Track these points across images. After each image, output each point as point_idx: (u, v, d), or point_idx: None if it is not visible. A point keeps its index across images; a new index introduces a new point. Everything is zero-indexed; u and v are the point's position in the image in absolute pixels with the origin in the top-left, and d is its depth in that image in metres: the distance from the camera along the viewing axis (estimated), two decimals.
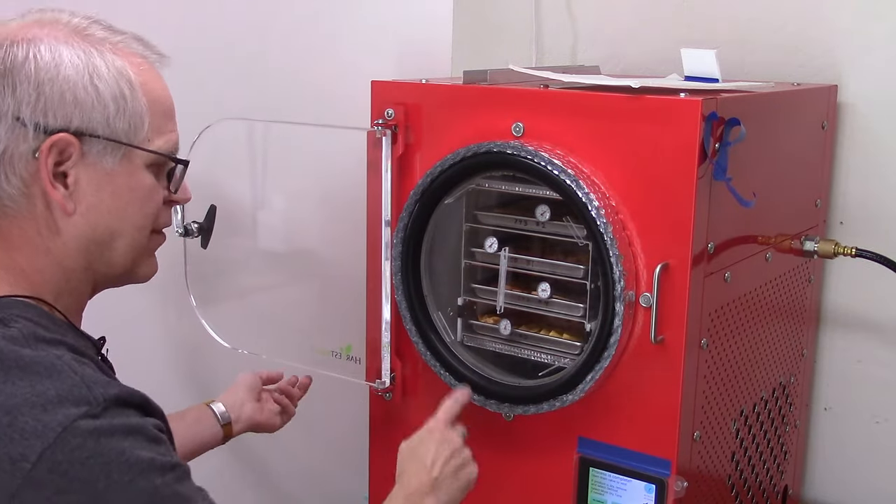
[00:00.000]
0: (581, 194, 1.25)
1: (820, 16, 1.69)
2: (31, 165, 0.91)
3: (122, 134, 0.94)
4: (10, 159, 0.90)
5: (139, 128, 0.95)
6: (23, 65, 0.90)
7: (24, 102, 0.90)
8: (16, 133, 0.90)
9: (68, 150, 0.91)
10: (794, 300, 1.62)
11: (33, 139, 0.90)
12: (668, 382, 1.28)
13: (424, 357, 1.45)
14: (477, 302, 1.48)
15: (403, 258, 1.44)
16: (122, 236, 0.97)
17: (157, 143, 0.97)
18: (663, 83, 1.35)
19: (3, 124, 0.90)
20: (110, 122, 0.93)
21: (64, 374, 0.85)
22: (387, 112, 1.44)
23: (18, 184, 0.91)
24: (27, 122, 0.90)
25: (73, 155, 0.92)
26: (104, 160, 0.93)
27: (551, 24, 1.98)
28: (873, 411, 1.74)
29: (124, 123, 0.94)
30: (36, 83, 0.90)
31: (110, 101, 0.93)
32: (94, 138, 0.92)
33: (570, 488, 1.38)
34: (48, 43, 0.91)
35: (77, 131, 0.91)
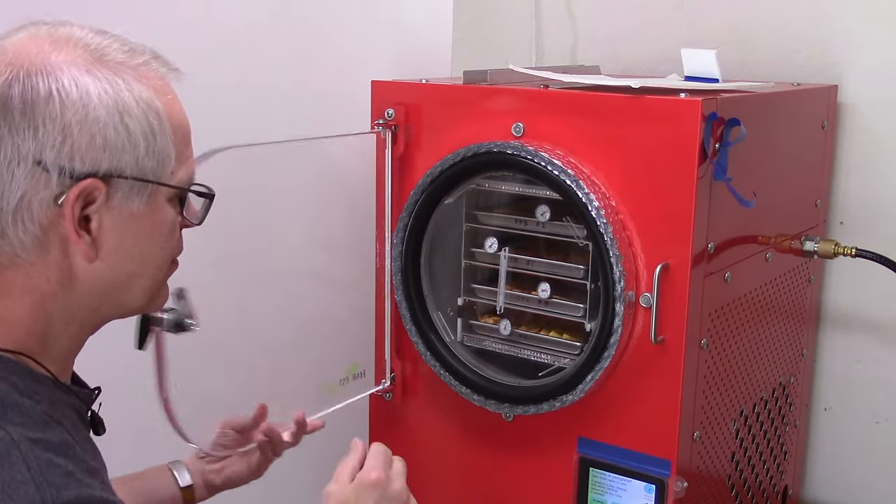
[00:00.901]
0: (581, 194, 1.25)
1: (820, 16, 1.69)
2: (51, 212, 0.82)
3: (150, 172, 0.86)
4: (27, 206, 0.81)
5: (166, 162, 0.87)
6: (46, 102, 0.80)
7: (48, 146, 0.80)
8: (36, 178, 0.80)
9: (94, 194, 0.83)
10: (794, 300, 1.62)
11: (57, 185, 0.81)
12: (668, 382, 1.28)
13: (424, 357, 1.45)
14: (477, 302, 1.48)
15: (403, 258, 1.44)
16: (143, 277, 0.90)
17: (179, 175, 0.89)
18: (663, 83, 1.35)
19: (22, 168, 0.80)
20: (139, 162, 0.85)
21: (15, 469, 0.77)
22: (387, 112, 1.44)
23: (36, 231, 0.82)
24: (50, 167, 0.80)
25: (97, 199, 0.83)
26: (130, 201, 0.85)
27: (551, 25, 1.98)
28: (873, 411, 1.74)
29: (153, 161, 0.86)
30: (62, 125, 0.80)
31: (141, 139, 0.84)
32: (121, 179, 0.84)
33: (570, 488, 1.38)
34: (71, 75, 0.81)
35: (106, 174, 0.82)
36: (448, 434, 1.50)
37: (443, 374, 1.44)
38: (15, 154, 0.80)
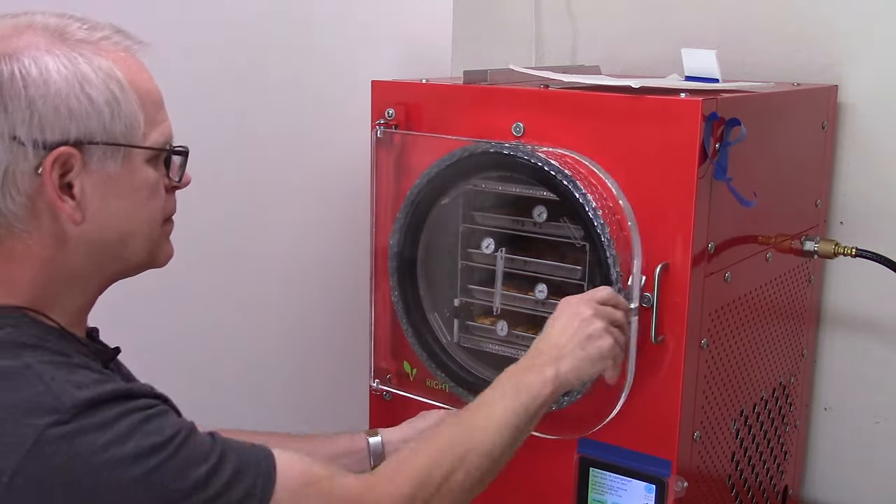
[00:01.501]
0: (578, 195, 1.25)
1: (820, 16, 1.69)
2: (34, 182, 0.90)
3: (120, 136, 0.93)
4: (12, 178, 0.89)
5: (135, 126, 0.94)
6: (11, 83, 0.88)
7: (18, 121, 0.88)
8: (14, 152, 0.89)
9: (70, 161, 0.90)
10: (795, 300, 1.62)
11: (34, 156, 0.89)
12: (668, 382, 1.27)
13: (421, 358, 1.45)
14: (473, 303, 1.48)
15: (399, 259, 1.44)
16: (136, 234, 0.97)
17: (153, 137, 0.96)
18: (663, 83, 1.35)
19: (1, 144, 0.88)
20: (107, 127, 0.92)
21: (32, 384, 0.85)
22: (387, 112, 1.44)
23: (23, 201, 0.90)
24: (24, 140, 0.88)
25: (75, 166, 0.91)
26: (106, 165, 0.93)
27: (551, 24, 1.97)
28: (873, 411, 1.74)
29: (121, 125, 0.93)
30: (27, 101, 0.88)
31: (104, 106, 0.91)
32: (93, 145, 0.91)
33: (570, 488, 1.38)
34: (31, 55, 0.89)
35: (76, 141, 0.90)
36: None
37: (439, 375, 1.44)
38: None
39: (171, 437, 0.87)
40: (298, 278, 1.88)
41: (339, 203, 1.88)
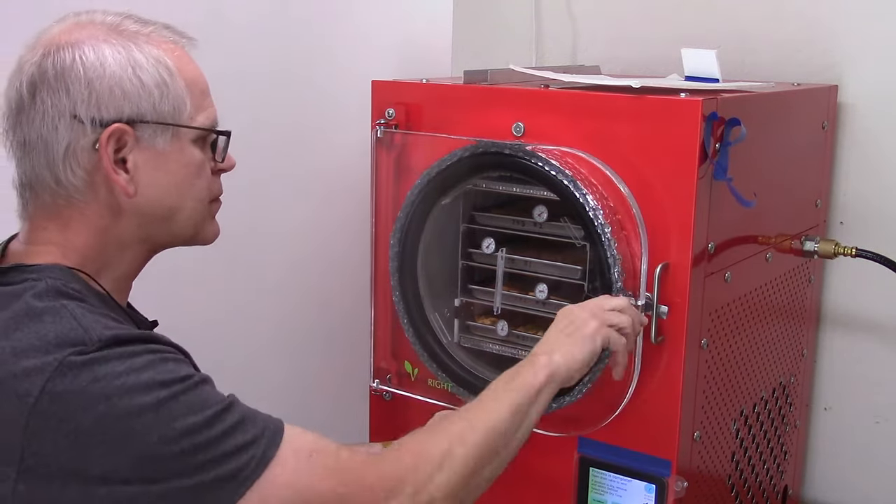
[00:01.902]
0: (578, 195, 1.25)
1: (820, 16, 1.69)
2: (92, 157, 1.00)
3: (168, 116, 1.03)
4: (73, 153, 1.00)
5: (182, 108, 1.04)
6: (71, 67, 0.99)
7: (78, 101, 0.99)
8: (75, 129, 0.99)
9: (124, 137, 1.00)
10: (795, 300, 1.62)
11: (91, 132, 0.99)
12: (668, 382, 1.27)
13: (421, 358, 1.45)
14: (474, 303, 1.48)
15: (400, 259, 1.44)
16: (183, 209, 1.07)
17: (199, 120, 1.06)
18: (663, 83, 1.35)
19: (63, 122, 0.99)
20: (156, 107, 1.02)
21: (65, 320, 0.93)
22: (387, 112, 1.44)
23: (82, 174, 1.01)
24: (83, 118, 0.99)
25: (128, 142, 1.01)
26: (156, 142, 1.03)
27: (551, 25, 1.97)
28: (873, 411, 1.74)
29: (168, 106, 1.03)
30: (86, 82, 0.99)
31: (154, 87, 1.02)
32: (144, 124, 1.01)
33: (570, 488, 1.38)
34: (90, 44, 1.00)
35: (129, 119, 1.00)
36: None
37: (440, 375, 1.44)
38: (55, 112, 0.99)
39: (185, 376, 0.94)
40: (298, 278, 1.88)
41: (339, 203, 1.88)
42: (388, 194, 1.46)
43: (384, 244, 1.46)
